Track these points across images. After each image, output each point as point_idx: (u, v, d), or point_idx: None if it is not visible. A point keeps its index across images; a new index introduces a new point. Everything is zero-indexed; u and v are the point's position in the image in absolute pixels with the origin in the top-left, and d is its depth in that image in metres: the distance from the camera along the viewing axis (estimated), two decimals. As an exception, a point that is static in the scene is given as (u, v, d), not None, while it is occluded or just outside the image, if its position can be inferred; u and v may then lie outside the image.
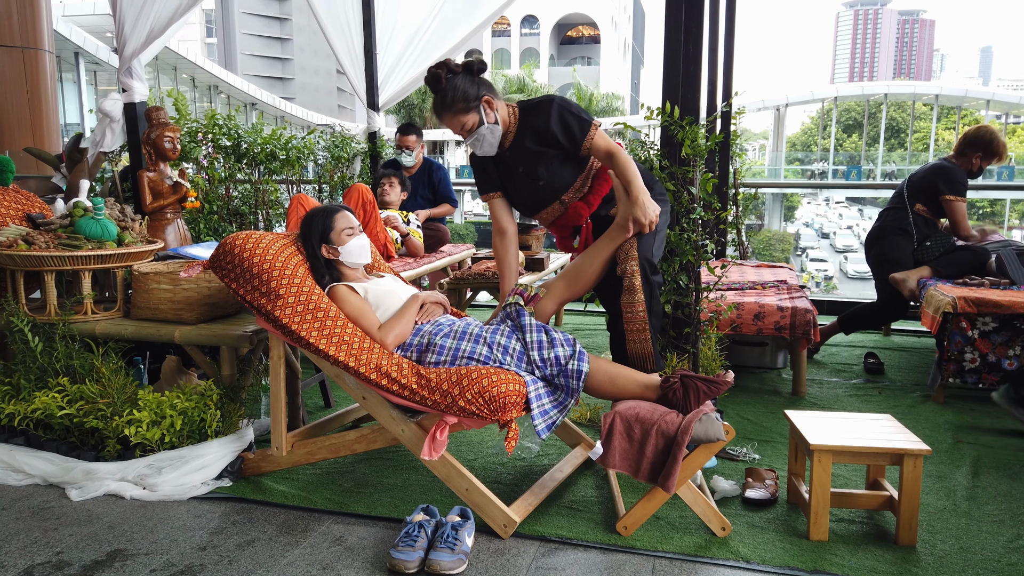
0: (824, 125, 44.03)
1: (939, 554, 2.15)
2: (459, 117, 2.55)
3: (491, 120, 2.58)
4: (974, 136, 4.03)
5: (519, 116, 2.63)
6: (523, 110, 2.64)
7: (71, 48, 22.90)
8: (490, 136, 2.59)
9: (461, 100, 2.53)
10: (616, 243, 2.52)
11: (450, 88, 2.53)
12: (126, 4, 3.72)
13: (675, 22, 2.96)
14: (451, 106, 2.54)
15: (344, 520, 2.38)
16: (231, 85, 31.31)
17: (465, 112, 2.54)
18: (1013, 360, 3.40)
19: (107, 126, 3.81)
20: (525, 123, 2.61)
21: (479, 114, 2.55)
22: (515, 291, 2.58)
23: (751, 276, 4.42)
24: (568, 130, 2.56)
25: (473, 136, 2.58)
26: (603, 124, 2.72)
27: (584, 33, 55.12)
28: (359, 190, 3.61)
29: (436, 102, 2.58)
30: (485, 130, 2.57)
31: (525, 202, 2.75)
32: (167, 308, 2.83)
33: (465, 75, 2.56)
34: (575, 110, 2.58)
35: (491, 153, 2.65)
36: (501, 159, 2.69)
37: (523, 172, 2.65)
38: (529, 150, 2.61)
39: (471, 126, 2.56)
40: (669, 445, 2.17)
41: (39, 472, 2.62)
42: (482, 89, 2.57)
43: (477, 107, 2.55)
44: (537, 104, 2.61)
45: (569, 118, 2.55)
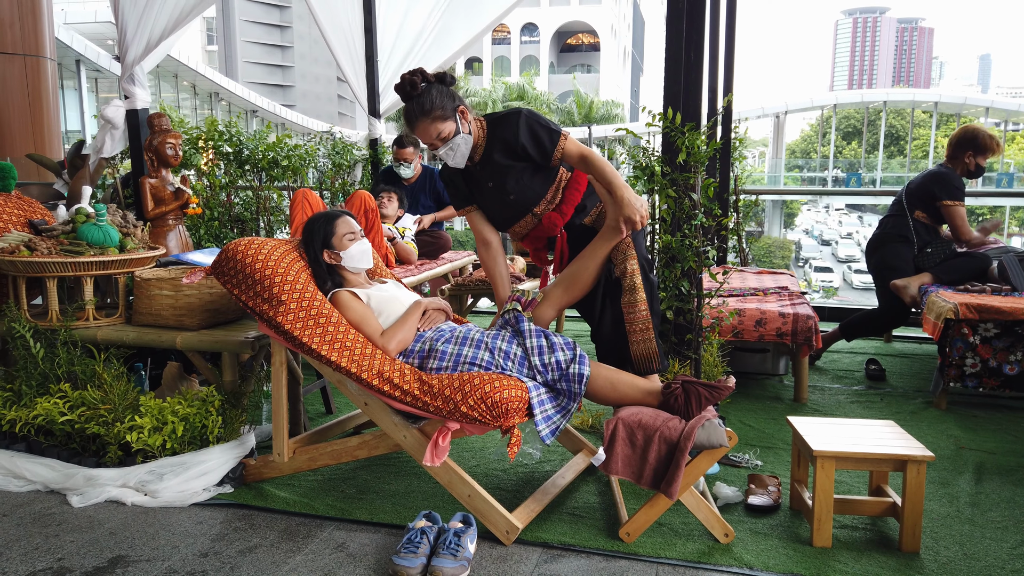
0: (823, 132, 44.10)
1: (943, 561, 2.15)
2: (436, 124, 2.50)
3: (466, 130, 2.56)
4: (959, 137, 4.07)
5: (487, 129, 2.61)
6: (491, 123, 2.61)
7: (72, 56, 22.95)
8: (463, 147, 2.56)
9: (439, 108, 2.49)
10: (611, 244, 2.51)
11: (428, 95, 2.49)
12: (128, 12, 3.74)
13: (676, 29, 2.97)
14: (429, 113, 2.49)
15: (346, 526, 2.37)
16: (232, 92, 31.38)
17: (443, 120, 2.50)
18: (1014, 365, 3.40)
19: (108, 132, 3.81)
20: (494, 136, 2.58)
21: (456, 123, 2.53)
22: (512, 297, 2.57)
23: (752, 282, 4.42)
24: (538, 141, 2.54)
25: (447, 146, 2.54)
26: (604, 131, 2.73)
27: (584, 41, 55.27)
28: (361, 197, 3.61)
29: (412, 108, 2.52)
30: (460, 140, 2.54)
31: (496, 217, 2.73)
32: (169, 314, 2.83)
33: (440, 85, 2.54)
34: (543, 121, 2.57)
35: (461, 165, 2.62)
36: (470, 174, 2.67)
37: (492, 187, 2.63)
38: (498, 164, 2.59)
39: (447, 135, 2.52)
40: (672, 451, 2.17)
41: (40, 478, 2.62)
42: (456, 99, 2.56)
43: (454, 116, 2.52)
44: (505, 117, 2.58)
45: (538, 129, 2.54)
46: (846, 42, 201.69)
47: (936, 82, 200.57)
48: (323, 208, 3.37)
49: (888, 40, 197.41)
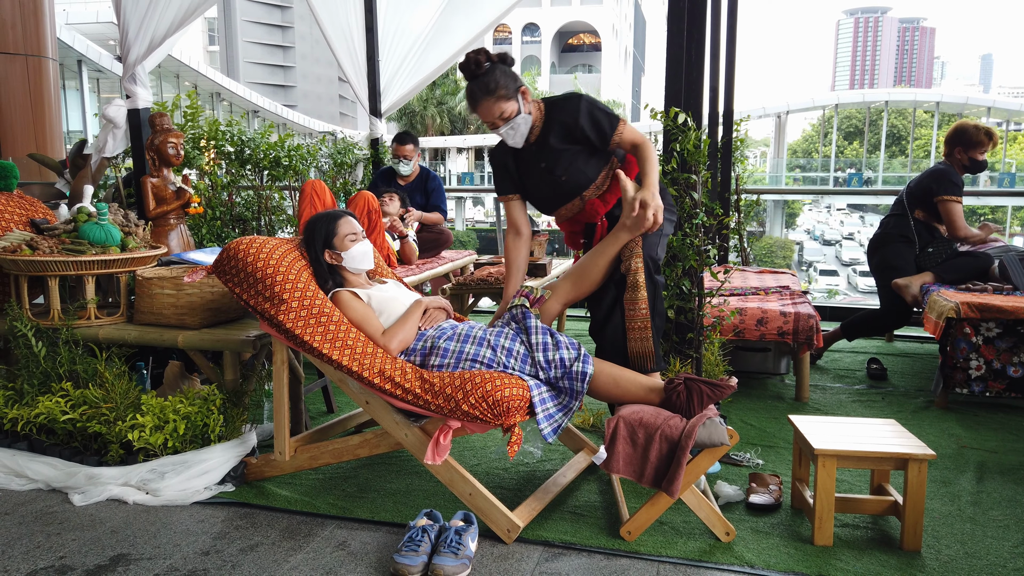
0: (825, 132, 44.07)
1: (944, 559, 2.15)
2: (500, 104, 2.54)
3: (527, 111, 2.61)
4: (950, 134, 4.10)
5: (545, 111, 2.65)
6: (549, 106, 2.65)
7: (74, 56, 22.98)
8: (523, 127, 2.61)
9: (503, 87, 2.53)
10: (621, 242, 2.53)
11: (492, 75, 2.53)
12: (129, 12, 3.74)
13: (677, 28, 2.98)
14: (494, 92, 2.53)
15: (347, 525, 2.37)
16: (233, 93, 31.39)
17: (507, 99, 2.55)
18: (1019, 367, 3.39)
19: (110, 132, 3.82)
20: (551, 118, 2.63)
21: (518, 103, 2.57)
22: (520, 292, 2.58)
23: (753, 282, 4.42)
24: (597, 124, 2.57)
25: (508, 125, 2.58)
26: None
27: (585, 41, 55.28)
28: (365, 198, 3.61)
29: (476, 88, 2.55)
30: (520, 120, 2.59)
31: (545, 198, 2.76)
32: (170, 313, 2.83)
33: (502, 65, 2.59)
34: (602, 106, 2.61)
35: (519, 145, 2.66)
36: (522, 155, 2.71)
37: (545, 168, 2.66)
38: (553, 147, 2.63)
39: (509, 114, 2.56)
40: (673, 450, 2.17)
41: (42, 477, 2.62)
42: (518, 80, 2.61)
43: (516, 96, 2.57)
44: (565, 99, 2.63)
45: (598, 113, 2.58)
46: (847, 42, 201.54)
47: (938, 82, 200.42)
48: (332, 200, 3.39)
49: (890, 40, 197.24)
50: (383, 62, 5.22)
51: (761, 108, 35.99)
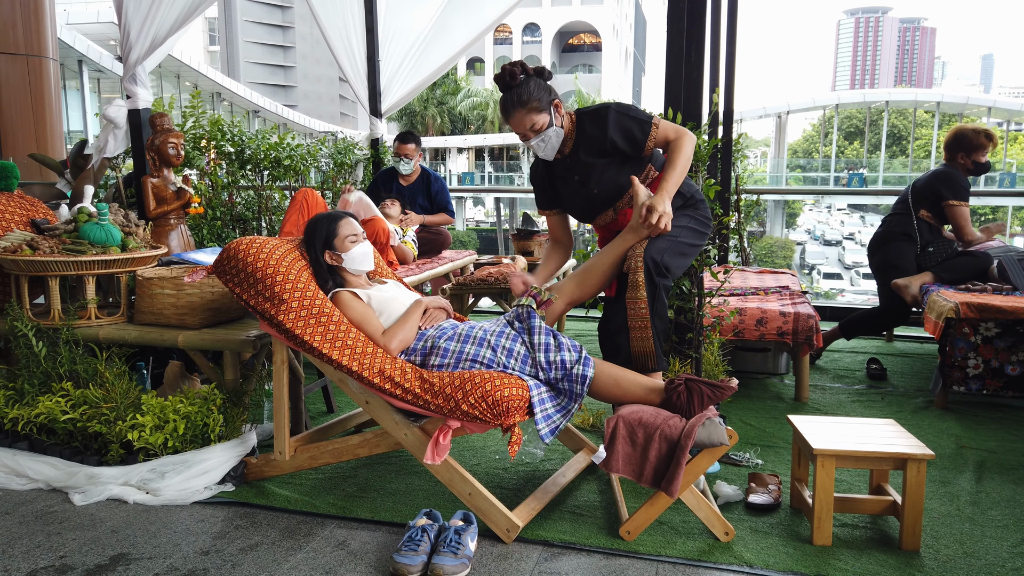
0: (826, 132, 44.06)
1: (943, 559, 2.15)
2: (531, 116, 2.57)
3: (559, 124, 2.63)
4: (949, 139, 4.12)
5: (576, 124, 2.66)
6: (580, 118, 2.66)
7: (75, 56, 23.00)
8: (555, 139, 2.64)
9: (536, 100, 2.57)
10: (627, 244, 2.55)
11: (525, 87, 2.57)
12: (131, 12, 3.75)
13: (677, 28, 2.98)
14: (526, 103, 2.56)
15: (347, 525, 2.38)
16: (234, 93, 31.41)
17: (539, 111, 2.58)
18: (1016, 366, 3.40)
19: (110, 132, 3.82)
20: (582, 131, 2.64)
21: (550, 116, 2.60)
22: (529, 293, 2.59)
23: (753, 282, 4.42)
24: (629, 134, 2.58)
25: (539, 137, 2.61)
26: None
27: (586, 41, 55.25)
28: (375, 226, 3.57)
29: (509, 98, 2.59)
30: (551, 132, 2.61)
31: (579, 208, 2.78)
32: (171, 313, 2.84)
33: (537, 78, 2.62)
34: (633, 113, 2.60)
35: (550, 157, 2.68)
36: (556, 167, 2.73)
37: (579, 181, 2.68)
38: (584, 160, 2.65)
39: (540, 126, 2.59)
40: (672, 449, 2.17)
41: (42, 476, 2.63)
42: (552, 93, 2.63)
43: (549, 108, 2.60)
44: (595, 112, 2.63)
45: (628, 122, 2.58)
46: (848, 42, 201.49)
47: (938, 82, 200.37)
48: (324, 209, 3.37)
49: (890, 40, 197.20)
50: (383, 62, 5.22)
51: (762, 108, 35.99)
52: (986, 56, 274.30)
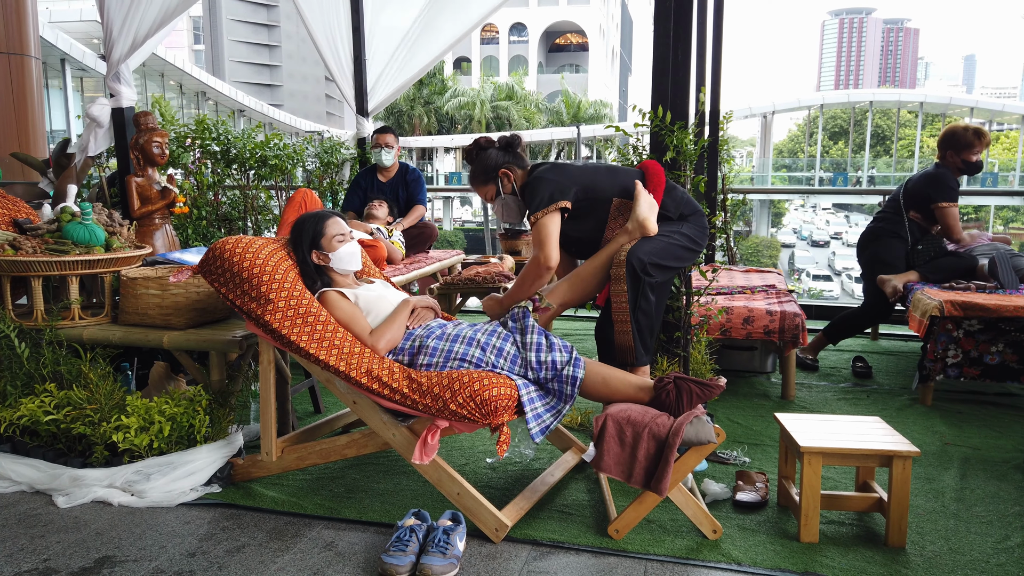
0: (811, 132, 44.36)
1: (928, 555, 2.17)
2: (480, 188, 2.77)
3: (507, 190, 2.72)
4: (940, 138, 4.18)
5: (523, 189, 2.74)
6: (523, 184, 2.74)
7: (57, 54, 22.77)
8: (512, 204, 2.74)
9: (481, 172, 2.74)
10: (618, 244, 2.59)
11: (476, 161, 2.77)
12: (113, 9, 3.71)
13: (664, 28, 2.99)
14: (474, 179, 2.79)
15: (335, 525, 2.36)
16: (219, 92, 31.22)
17: (484, 184, 2.76)
18: (995, 356, 3.44)
19: (93, 131, 3.79)
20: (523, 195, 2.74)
21: (497, 185, 2.73)
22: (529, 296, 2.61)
23: (740, 281, 4.44)
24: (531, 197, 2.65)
25: (495, 205, 2.76)
26: (592, 130, 2.77)
27: (572, 41, 55.33)
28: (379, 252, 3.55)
29: (469, 175, 2.82)
30: (501, 201, 2.74)
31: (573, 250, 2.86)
32: (155, 313, 2.81)
33: (496, 149, 2.75)
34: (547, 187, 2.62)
35: (516, 221, 2.80)
36: None
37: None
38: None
39: (491, 196, 2.75)
40: (661, 448, 2.17)
41: (25, 479, 2.59)
42: (504, 160, 2.72)
43: (495, 179, 2.72)
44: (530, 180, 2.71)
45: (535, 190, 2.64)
46: (832, 43, 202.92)
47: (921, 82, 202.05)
48: None
49: (874, 41, 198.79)
50: (369, 61, 5.20)
51: (747, 108, 36.18)
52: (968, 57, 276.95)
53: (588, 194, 2.66)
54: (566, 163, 2.79)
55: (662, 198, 2.66)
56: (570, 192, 2.63)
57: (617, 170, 2.76)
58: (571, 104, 36.11)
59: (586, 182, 2.68)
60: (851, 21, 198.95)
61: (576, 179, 2.67)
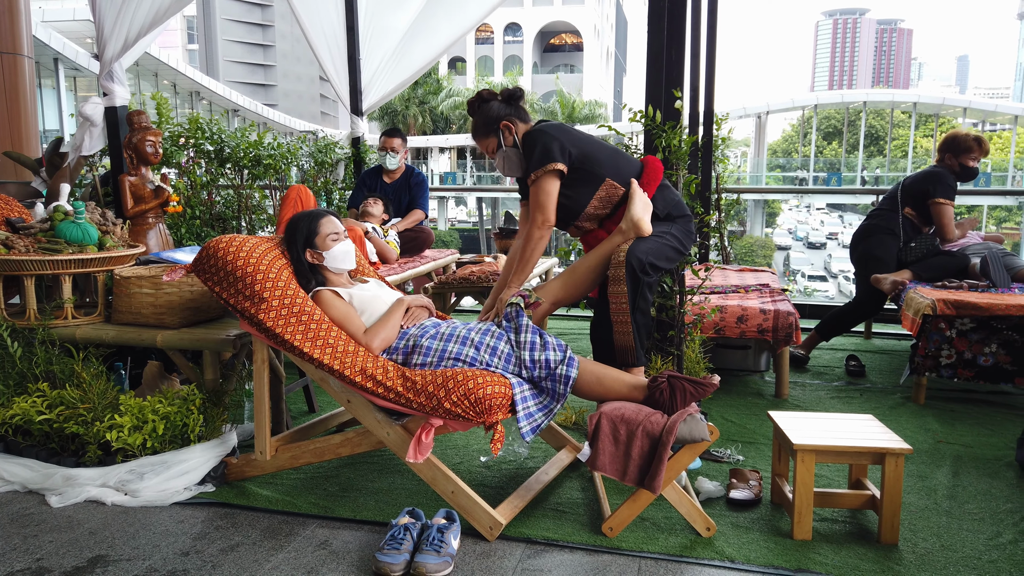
0: (804, 132, 44.46)
1: (921, 552, 2.18)
2: (481, 141, 2.74)
3: (508, 143, 2.69)
4: (941, 141, 4.23)
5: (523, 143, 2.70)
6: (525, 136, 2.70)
7: (50, 54, 22.68)
8: (514, 157, 2.70)
9: (482, 125, 2.72)
10: (614, 244, 2.58)
11: (477, 114, 2.74)
12: (106, 8, 3.70)
13: (658, 28, 2.99)
14: (475, 131, 2.77)
15: (329, 524, 2.36)
16: (213, 91, 31.12)
17: (485, 136, 2.73)
18: (989, 357, 3.45)
19: (87, 130, 3.78)
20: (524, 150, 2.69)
21: (498, 138, 2.69)
22: (519, 293, 2.59)
23: (734, 280, 4.45)
24: (529, 154, 2.62)
25: (497, 158, 2.72)
26: (587, 130, 2.76)
27: (567, 41, 55.35)
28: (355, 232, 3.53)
29: (471, 128, 2.79)
30: (502, 154, 2.71)
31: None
32: (149, 312, 2.81)
33: (498, 102, 2.73)
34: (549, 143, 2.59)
35: (517, 175, 2.75)
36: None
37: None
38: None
39: (492, 149, 2.72)
40: (654, 446, 2.18)
41: (18, 478, 2.59)
42: (506, 112, 2.69)
43: (496, 131, 2.69)
44: (529, 131, 2.68)
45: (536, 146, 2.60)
46: (826, 43, 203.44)
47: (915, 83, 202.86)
48: (315, 207, 3.36)
49: (868, 41, 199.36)
50: (364, 61, 5.20)
51: (742, 108, 36.25)
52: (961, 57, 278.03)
53: (584, 163, 2.63)
54: (572, 127, 2.77)
55: (653, 195, 2.67)
56: (567, 155, 2.60)
57: (620, 153, 2.75)
58: (566, 104, 36.13)
59: (587, 150, 2.65)
60: (845, 21, 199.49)
61: (577, 143, 2.65)
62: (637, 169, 2.70)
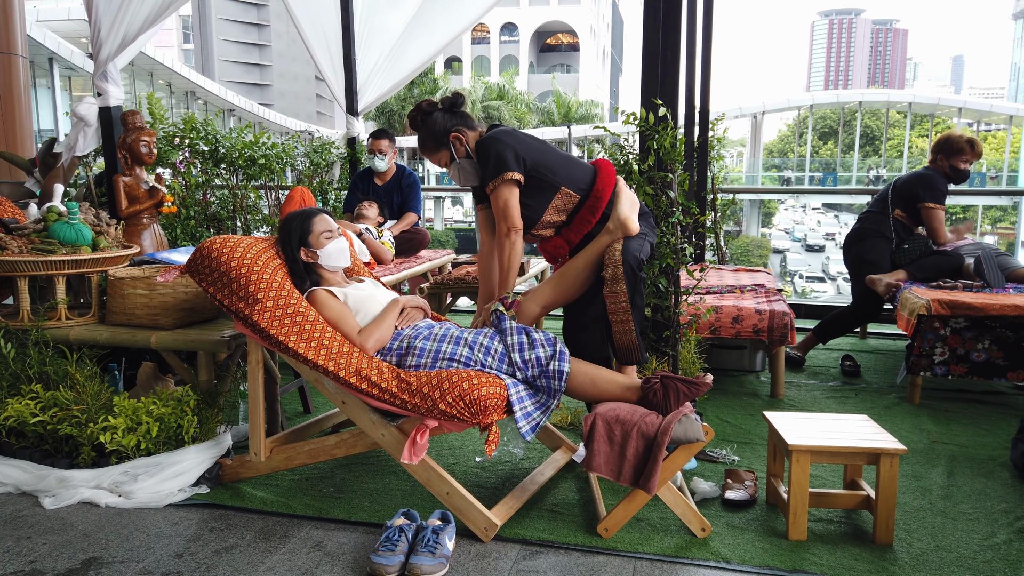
0: (800, 132, 44.55)
1: (915, 552, 2.18)
2: (432, 155, 2.67)
3: (461, 154, 2.63)
4: (935, 142, 4.23)
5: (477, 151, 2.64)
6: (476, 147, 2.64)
7: (45, 53, 22.61)
8: (469, 167, 2.63)
9: (431, 139, 2.64)
10: (603, 245, 2.53)
11: (423, 128, 2.66)
12: (102, 8, 3.69)
13: (653, 28, 2.99)
14: (424, 146, 2.68)
15: (323, 525, 2.36)
16: (208, 91, 31.06)
17: (435, 150, 2.66)
18: (982, 353, 3.46)
19: (81, 130, 3.76)
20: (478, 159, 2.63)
21: (450, 150, 2.63)
22: (496, 298, 2.58)
23: (729, 280, 4.46)
24: (484, 163, 2.56)
25: (450, 170, 2.66)
26: (583, 130, 2.75)
27: (563, 41, 55.38)
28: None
29: (417, 143, 2.70)
30: (456, 165, 2.64)
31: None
32: (143, 313, 2.80)
33: (441, 112, 2.64)
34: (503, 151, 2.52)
35: (474, 184, 2.68)
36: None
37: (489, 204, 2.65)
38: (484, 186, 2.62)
39: (445, 162, 2.65)
40: (649, 446, 2.18)
41: (12, 480, 2.57)
42: (452, 123, 2.62)
43: (446, 144, 2.63)
44: (482, 139, 2.62)
45: (491, 153, 2.54)
46: (822, 43, 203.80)
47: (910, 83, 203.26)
48: None
49: (863, 41, 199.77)
50: (360, 61, 5.19)
51: (737, 108, 36.29)
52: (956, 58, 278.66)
53: (538, 171, 2.57)
54: (524, 133, 2.69)
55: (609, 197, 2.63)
56: (522, 163, 2.55)
57: (572, 160, 2.69)
58: (562, 104, 36.13)
59: (540, 159, 2.58)
60: (840, 22, 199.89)
61: (530, 152, 2.58)
62: (590, 175, 2.64)
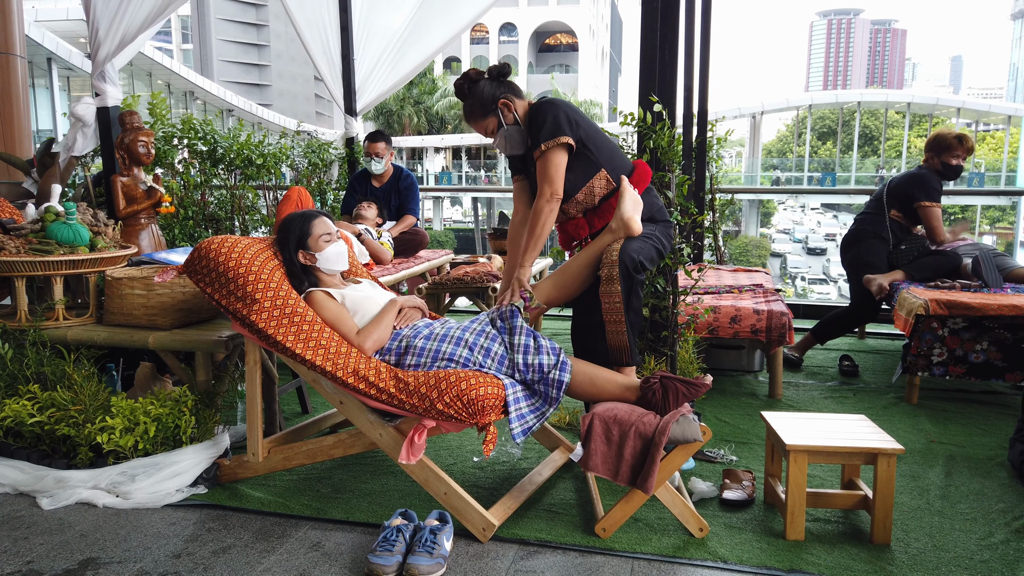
0: (799, 132, 44.55)
1: (913, 552, 2.18)
2: (479, 123, 2.67)
3: (509, 121, 2.65)
4: (928, 140, 4.25)
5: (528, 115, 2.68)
6: (530, 110, 2.67)
7: (44, 53, 22.58)
8: (516, 135, 2.66)
9: (479, 106, 2.64)
10: (604, 243, 2.54)
11: (470, 96, 2.66)
12: (100, 8, 3.69)
13: (651, 29, 2.99)
14: (471, 114, 2.68)
15: (321, 526, 2.36)
16: (207, 91, 31.04)
17: (483, 117, 2.65)
18: (980, 354, 3.46)
19: (79, 130, 3.76)
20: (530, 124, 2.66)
21: (497, 117, 2.64)
22: (520, 295, 2.59)
23: (728, 280, 4.46)
24: (540, 126, 2.57)
25: (498, 138, 2.66)
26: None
27: (562, 41, 55.37)
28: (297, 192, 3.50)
29: (463, 111, 2.72)
30: (504, 132, 2.65)
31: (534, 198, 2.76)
32: (141, 314, 2.80)
33: (488, 81, 2.66)
34: (560, 117, 2.56)
35: (519, 152, 2.70)
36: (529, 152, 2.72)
37: (533, 171, 2.67)
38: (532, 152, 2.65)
39: (492, 130, 2.65)
40: (647, 446, 2.18)
41: (9, 481, 2.57)
42: (501, 92, 2.64)
43: (495, 111, 2.63)
44: (538, 104, 2.65)
45: (547, 118, 2.56)
46: (821, 43, 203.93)
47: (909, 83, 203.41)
48: None
49: (862, 41, 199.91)
50: (358, 61, 5.19)
51: (736, 108, 36.30)
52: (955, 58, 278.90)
53: (586, 145, 2.60)
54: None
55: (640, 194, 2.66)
56: (576, 129, 2.58)
57: (617, 148, 2.74)
58: (561, 104, 36.04)
59: (591, 134, 2.63)
60: (839, 22, 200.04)
61: (584, 124, 2.62)
62: (629, 168, 2.69)
